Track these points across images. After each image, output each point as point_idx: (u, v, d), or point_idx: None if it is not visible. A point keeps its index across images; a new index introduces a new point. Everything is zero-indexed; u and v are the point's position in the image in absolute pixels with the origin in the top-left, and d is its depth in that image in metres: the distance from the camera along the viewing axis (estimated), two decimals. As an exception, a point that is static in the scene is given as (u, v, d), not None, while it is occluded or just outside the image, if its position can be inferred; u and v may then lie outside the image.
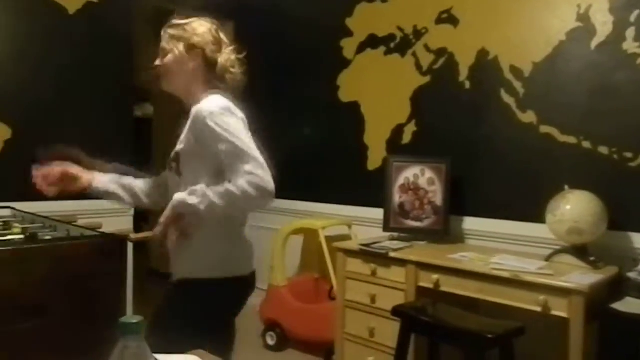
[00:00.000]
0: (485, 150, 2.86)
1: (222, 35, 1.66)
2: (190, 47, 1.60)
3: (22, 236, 1.98)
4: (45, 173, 1.68)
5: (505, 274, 2.19)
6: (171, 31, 1.62)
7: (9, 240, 1.91)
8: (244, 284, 1.63)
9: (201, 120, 1.48)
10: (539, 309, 2.09)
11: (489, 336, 1.88)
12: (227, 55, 1.64)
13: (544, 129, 2.65)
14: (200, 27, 1.62)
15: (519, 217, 2.69)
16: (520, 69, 2.73)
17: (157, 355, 0.77)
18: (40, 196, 3.05)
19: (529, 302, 2.11)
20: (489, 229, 2.80)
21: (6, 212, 2.65)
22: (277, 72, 3.98)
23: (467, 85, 2.93)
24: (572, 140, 2.56)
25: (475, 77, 2.90)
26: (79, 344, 1.76)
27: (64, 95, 3.23)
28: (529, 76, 2.70)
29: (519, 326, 2.01)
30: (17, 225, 2.21)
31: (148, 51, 1.95)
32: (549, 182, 2.57)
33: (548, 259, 2.39)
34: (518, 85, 2.73)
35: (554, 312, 2.06)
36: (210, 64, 1.61)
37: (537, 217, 2.50)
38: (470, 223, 2.90)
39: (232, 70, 1.64)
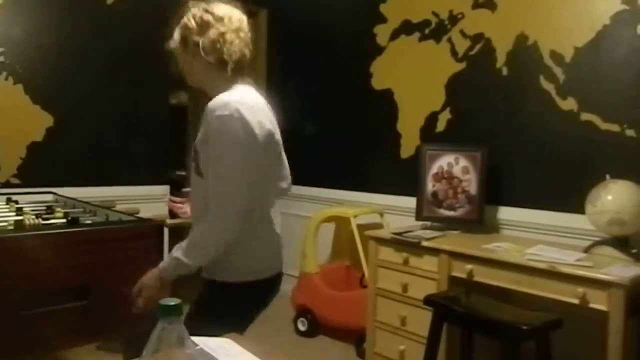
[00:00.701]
0: (523, 138, 2.78)
1: (211, 12, 1.51)
2: (183, 43, 1.52)
3: (64, 220, 2.05)
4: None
5: (542, 265, 2.13)
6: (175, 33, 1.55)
7: (52, 224, 1.99)
8: (269, 286, 1.59)
9: (209, 119, 1.43)
10: (576, 301, 2.03)
11: (525, 328, 1.85)
12: (215, 30, 1.48)
13: (585, 116, 2.56)
14: (187, 17, 1.52)
15: (557, 208, 2.62)
16: (561, 54, 2.63)
17: (193, 338, 0.79)
18: (80, 182, 3.14)
19: (567, 294, 2.06)
20: (525, 219, 2.74)
21: (49, 197, 2.75)
22: (309, 59, 3.97)
23: (505, 71, 2.86)
24: (614, 128, 2.47)
25: (513, 63, 2.82)
26: (118, 325, 1.83)
27: (102, 83, 3.31)
28: (570, 62, 2.61)
29: (556, 318, 1.96)
30: (59, 209, 2.29)
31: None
32: (589, 172, 2.49)
33: (587, 250, 2.32)
34: (558, 71, 2.64)
35: (593, 305, 2.01)
36: (204, 50, 1.48)
37: (576, 207, 2.43)
38: (506, 213, 2.84)
39: (224, 42, 1.49)
